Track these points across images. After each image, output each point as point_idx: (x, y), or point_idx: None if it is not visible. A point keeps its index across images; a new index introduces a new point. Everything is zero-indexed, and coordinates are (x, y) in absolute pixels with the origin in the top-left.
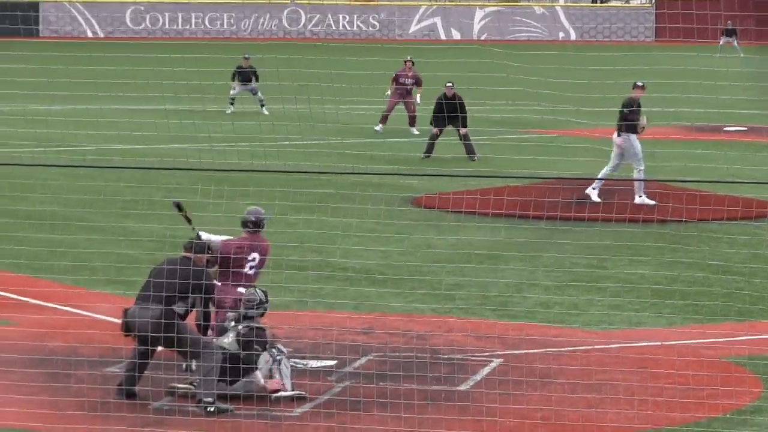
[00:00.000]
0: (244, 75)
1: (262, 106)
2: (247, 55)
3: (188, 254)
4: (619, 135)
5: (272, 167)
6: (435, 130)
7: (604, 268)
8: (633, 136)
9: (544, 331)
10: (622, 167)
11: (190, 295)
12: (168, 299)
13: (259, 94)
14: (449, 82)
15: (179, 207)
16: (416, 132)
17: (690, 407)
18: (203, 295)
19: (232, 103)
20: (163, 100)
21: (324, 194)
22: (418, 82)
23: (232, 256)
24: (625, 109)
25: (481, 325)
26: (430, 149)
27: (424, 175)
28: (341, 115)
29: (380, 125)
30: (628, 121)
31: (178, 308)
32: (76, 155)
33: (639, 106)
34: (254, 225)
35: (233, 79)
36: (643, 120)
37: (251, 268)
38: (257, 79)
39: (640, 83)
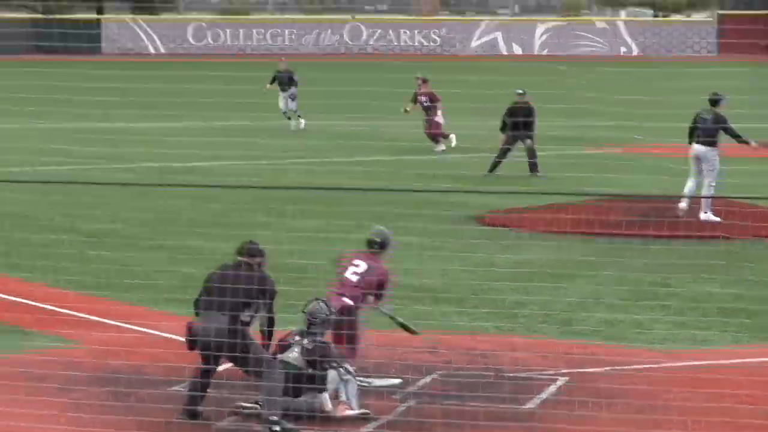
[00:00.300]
0: (282, 80)
1: (299, 117)
2: (283, 58)
3: (245, 259)
4: (713, 148)
5: (333, 185)
6: (502, 137)
7: (668, 285)
8: (717, 151)
9: (608, 349)
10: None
11: (254, 301)
12: (234, 308)
13: (294, 103)
14: (519, 90)
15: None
16: (441, 149)
17: (757, 427)
18: (268, 300)
19: (289, 118)
20: (225, 117)
21: (385, 212)
22: (432, 99)
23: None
24: (729, 125)
25: (545, 343)
26: (494, 167)
27: (486, 192)
28: (399, 132)
29: (440, 145)
30: (714, 136)
31: (245, 317)
32: (140, 173)
33: None
34: (378, 246)
35: (272, 83)
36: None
37: (354, 273)
38: (295, 84)
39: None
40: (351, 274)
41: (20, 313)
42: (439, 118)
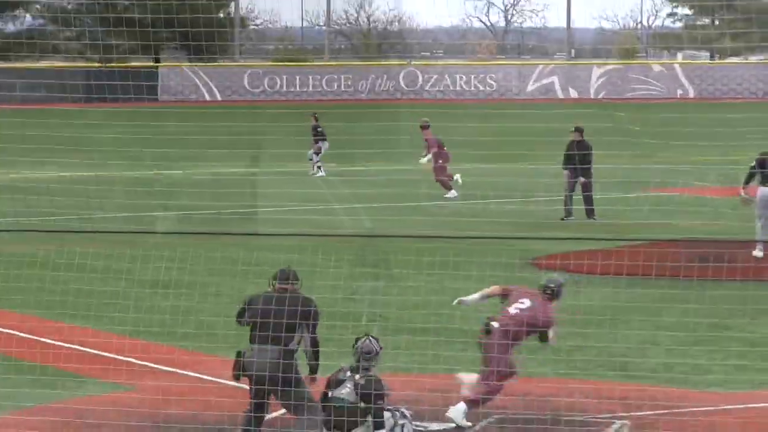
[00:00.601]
0: (314, 133)
1: (312, 165)
2: (314, 112)
3: (285, 286)
4: None
5: (388, 232)
6: (565, 173)
7: (727, 328)
8: None
9: (666, 392)
10: None
11: (300, 323)
12: (284, 339)
13: (316, 154)
14: (572, 127)
15: None
16: (453, 195)
17: None
18: (312, 323)
19: (319, 167)
20: (279, 164)
21: (442, 257)
22: (429, 145)
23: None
24: None
25: (602, 386)
26: (568, 213)
27: (542, 238)
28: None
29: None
30: None
31: (293, 345)
32: (195, 221)
33: None
34: (551, 291)
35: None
36: None
37: (516, 308)
38: (321, 137)
39: None
40: (513, 308)
41: (77, 360)
42: (425, 159)
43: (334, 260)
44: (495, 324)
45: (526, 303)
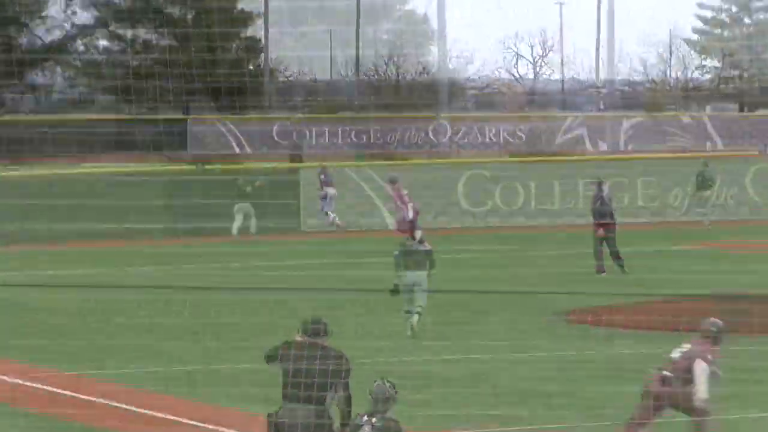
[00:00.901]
0: (321, 183)
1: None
2: (321, 163)
3: (316, 341)
4: None
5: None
6: (594, 228)
7: (759, 382)
8: None
9: None
10: None
11: (334, 384)
12: (319, 398)
13: (325, 202)
14: (596, 180)
15: None
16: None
17: None
18: (345, 380)
19: (327, 213)
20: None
21: (474, 309)
22: (394, 199)
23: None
24: None
25: None
26: (600, 266)
27: (574, 293)
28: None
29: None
30: None
31: (327, 403)
32: (229, 277)
33: None
34: (712, 334)
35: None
36: None
37: (678, 352)
38: (328, 184)
39: None
40: (676, 352)
41: (106, 416)
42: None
43: (365, 312)
44: (669, 373)
45: (686, 346)
